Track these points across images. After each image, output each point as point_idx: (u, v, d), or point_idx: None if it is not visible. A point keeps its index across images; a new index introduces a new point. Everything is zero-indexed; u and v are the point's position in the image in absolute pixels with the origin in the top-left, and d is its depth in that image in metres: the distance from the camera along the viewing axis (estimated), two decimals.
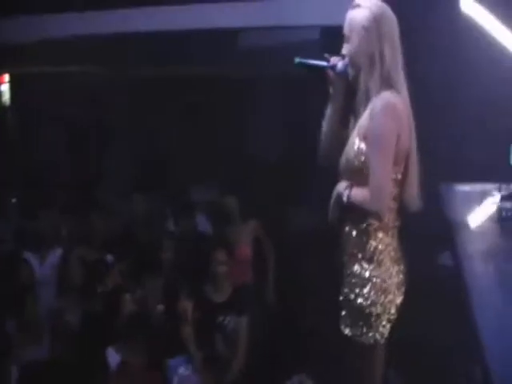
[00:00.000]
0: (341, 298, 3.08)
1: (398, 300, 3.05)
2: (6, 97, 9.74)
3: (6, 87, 9.73)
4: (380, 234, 3.00)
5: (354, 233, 3.02)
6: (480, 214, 4.03)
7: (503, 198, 3.91)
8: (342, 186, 3.02)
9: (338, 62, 3.06)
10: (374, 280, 2.97)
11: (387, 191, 2.92)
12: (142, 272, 5.71)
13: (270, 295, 6.02)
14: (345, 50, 3.05)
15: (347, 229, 3.05)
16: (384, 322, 3.00)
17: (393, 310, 3.02)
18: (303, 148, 3.48)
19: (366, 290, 2.98)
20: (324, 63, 3.10)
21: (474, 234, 3.85)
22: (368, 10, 2.96)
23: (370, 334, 2.99)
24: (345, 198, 2.98)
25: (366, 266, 2.99)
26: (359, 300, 2.99)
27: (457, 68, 4.96)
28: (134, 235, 6.56)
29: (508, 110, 4.18)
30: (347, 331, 3.03)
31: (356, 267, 3.01)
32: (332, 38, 6.43)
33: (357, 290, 2.99)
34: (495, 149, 4.24)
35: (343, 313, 3.07)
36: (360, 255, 3.01)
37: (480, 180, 4.33)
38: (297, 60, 3.13)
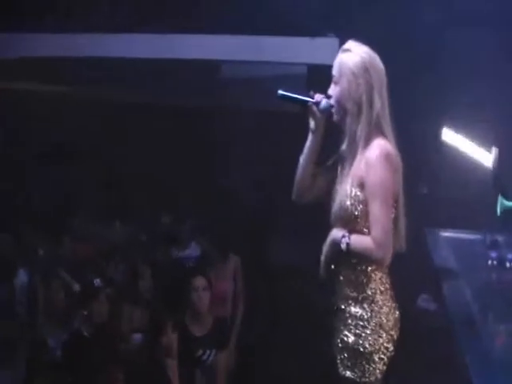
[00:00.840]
0: (338, 341, 3.06)
1: (396, 336, 3.06)
2: None
3: None
4: (378, 274, 3.03)
5: (352, 276, 3.04)
6: (465, 261, 4.11)
7: (489, 247, 3.99)
8: (337, 234, 3.02)
9: (322, 100, 3.09)
10: (375, 320, 2.99)
11: (391, 238, 2.96)
12: (120, 300, 5.69)
13: (236, 335, 5.99)
14: (332, 91, 3.09)
15: (344, 273, 3.06)
16: (385, 360, 3.02)
17: (392, 347, 3.03)
18: (281, 182, 3.52)
19: (368, 331, 2.99)
20: (307, 98, 3.11)
21: (459, 280, 3.92)
22: (358, 57, 3.01)
23: (372, 373, 3.00)
24: (344, 246, 2.99)
25: (366, 307, 3.01)
26: (361, 341, 2.99)
27: None
28: (113, 261, 6.54)
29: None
30: (348, 374, 3.03)
31: (356, 309, 3.02)
32: (317, 74, 6.59)
33: (357, 332, 3.00)
34: (482, 197, 4.34)
35: (341, 356, 3.05)
36: (360, 297, 3.02)
37: (466, 227, 4.42)
38: (280, 92, 3.14)
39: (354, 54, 3.02)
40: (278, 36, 7.24)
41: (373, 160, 2.94)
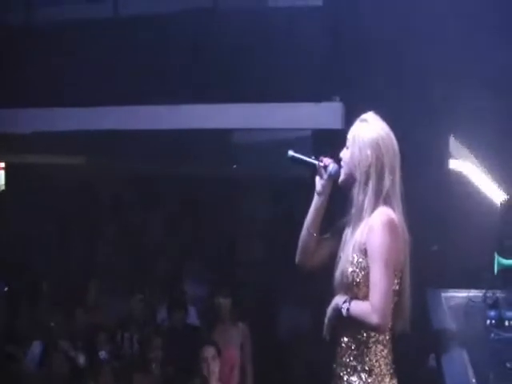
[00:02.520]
0: None
1: None
2: (1, 183, 9.96)
3: (1, 173, 9.97)
4: (379, 347, 3.03)
5: (353, 345, 3.04)
6: (465, 321, 4.07)
7: (488, 306, 3.95)
8: (340, 300, 3.04)
9: (330, 164, 3.13)
10: None
11: (389, 306, 2.94)
12: (132, 371, 5.69)
13: None
14: (343, 154, 3.12)
15: (345, 340, 3.07)
16: None
17: None
18: (291, 249, 3.54)
19: None
20: (316, 161, 3.13)
21: (459, 341, 3.88)
22: (375, 132, 3.03)
23: None
24: (344, 311, 3.00)
25: (364, 377, 3.00)
26: None
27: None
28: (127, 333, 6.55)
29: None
30: None
31: (354, 378, 3.02)
32: (322, 138, 6.66)
33: None
34: (481, 257, 4.32)
35: None
36: (359, 367, 3.02)
37: (465, 287, 4.39)
38: (290, 153, 3.16)
39: (371, 128, 3.04)
40: (283, 103, 7.33)
41: (375, 226, 2.95)
